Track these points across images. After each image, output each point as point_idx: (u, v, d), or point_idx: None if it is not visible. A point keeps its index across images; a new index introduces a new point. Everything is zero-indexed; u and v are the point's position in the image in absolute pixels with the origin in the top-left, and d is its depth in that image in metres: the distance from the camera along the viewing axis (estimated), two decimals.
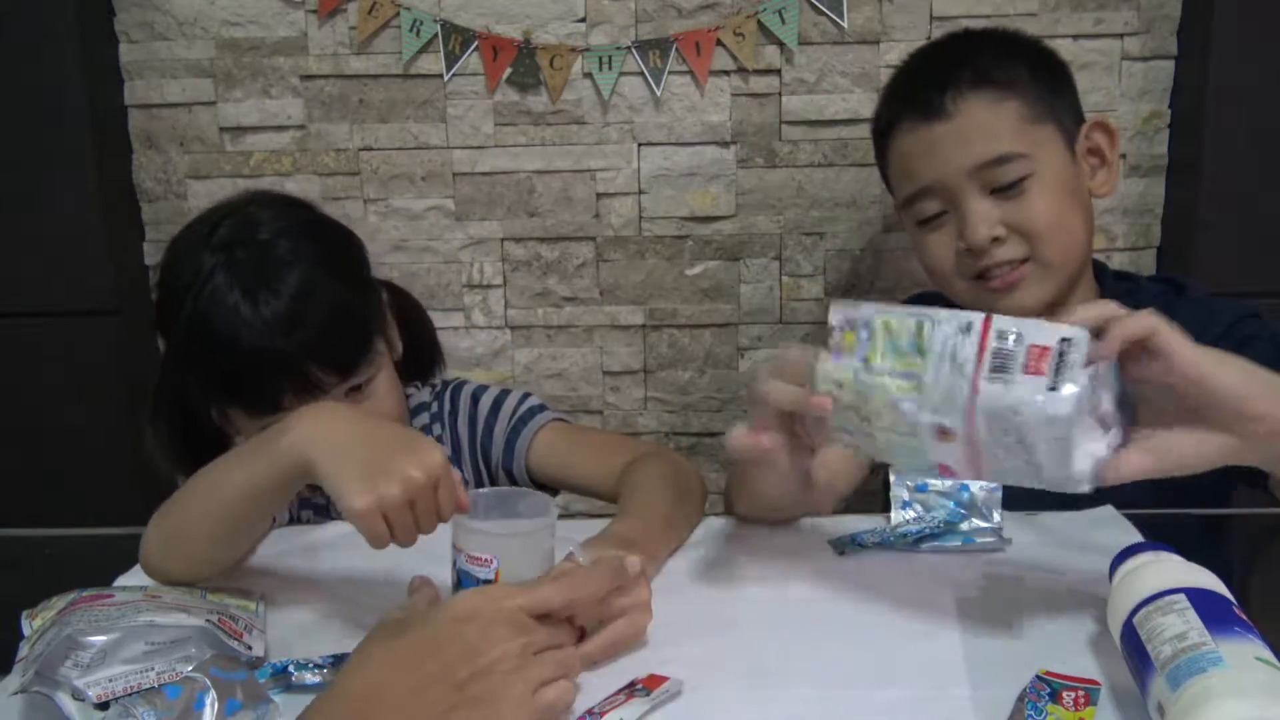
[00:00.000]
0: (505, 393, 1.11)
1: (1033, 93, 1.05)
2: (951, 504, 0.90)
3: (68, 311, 1.58)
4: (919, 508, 0.91)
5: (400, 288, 1.19)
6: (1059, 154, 1.06)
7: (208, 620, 0.71)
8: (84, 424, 1.56)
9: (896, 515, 0.91)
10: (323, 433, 0.75)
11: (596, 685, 0.68)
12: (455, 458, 1.09)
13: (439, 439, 1.09)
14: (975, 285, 1.07)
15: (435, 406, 1.11)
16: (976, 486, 0.90)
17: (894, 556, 0.88)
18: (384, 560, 0.77)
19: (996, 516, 0.89)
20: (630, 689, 0.67)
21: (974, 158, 1.03)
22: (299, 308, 0.92)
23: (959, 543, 0.88)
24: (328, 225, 1.04)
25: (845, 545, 0.89)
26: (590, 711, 0.65)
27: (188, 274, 0.94)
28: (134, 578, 0.86)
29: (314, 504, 1.06)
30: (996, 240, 1.03)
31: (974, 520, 0.89)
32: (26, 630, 0.72)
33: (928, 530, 0.88)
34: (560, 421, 1.10)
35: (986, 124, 1.03)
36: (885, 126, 1.13)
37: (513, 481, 1.09)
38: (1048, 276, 1.05)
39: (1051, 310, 1.04)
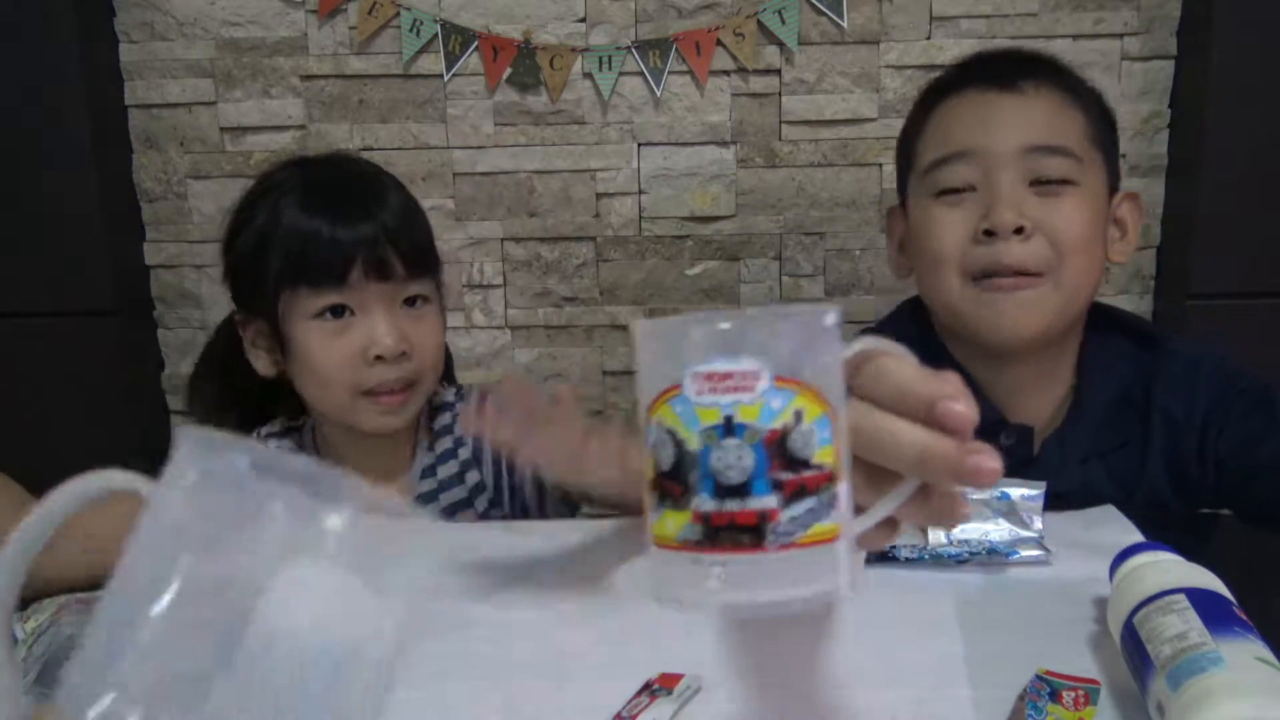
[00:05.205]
0: None
1: (1096, 121, 1.02)
2: (991, 514, 0.84)
3: (68, 311, 1.58)
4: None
5: None
6: (1099, 189, 1.01)
7: None
8: (84, 424, 1.56)
9: (934, 534, 0.85)
10: None
11: (611, 689, 0.67)
12: (476, 458, 1.09)
13: (460, 438, 1.09)
14: (974, 288, 0.99)
15: (459, 407, 1.11)
16: (1017, 494, 0.85)
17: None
18: None
19: (1037, 524, 0.84)
20: (649, 690, 0.67)
21: (1033, 137, 0.98)
22: (375, 191, 1.00)
23: (1003, 556, 0.83)
24: None
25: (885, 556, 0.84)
26: (619, 716, 0.64)
27: (263, 188, 1.00)
28: None
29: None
30: (1020, 232, 0.96)
31: (1015, 529, 0.84)
32: (20, 634, 0.72)
33: (966, 554, 0.83)
34: None
35: (1054, 114, 1.00)
36: (944, 87, 1.05)
37: (531, 482, 1.08)
38: (1055, 302, 0.98)
39: (1043, 350, 1.02)
